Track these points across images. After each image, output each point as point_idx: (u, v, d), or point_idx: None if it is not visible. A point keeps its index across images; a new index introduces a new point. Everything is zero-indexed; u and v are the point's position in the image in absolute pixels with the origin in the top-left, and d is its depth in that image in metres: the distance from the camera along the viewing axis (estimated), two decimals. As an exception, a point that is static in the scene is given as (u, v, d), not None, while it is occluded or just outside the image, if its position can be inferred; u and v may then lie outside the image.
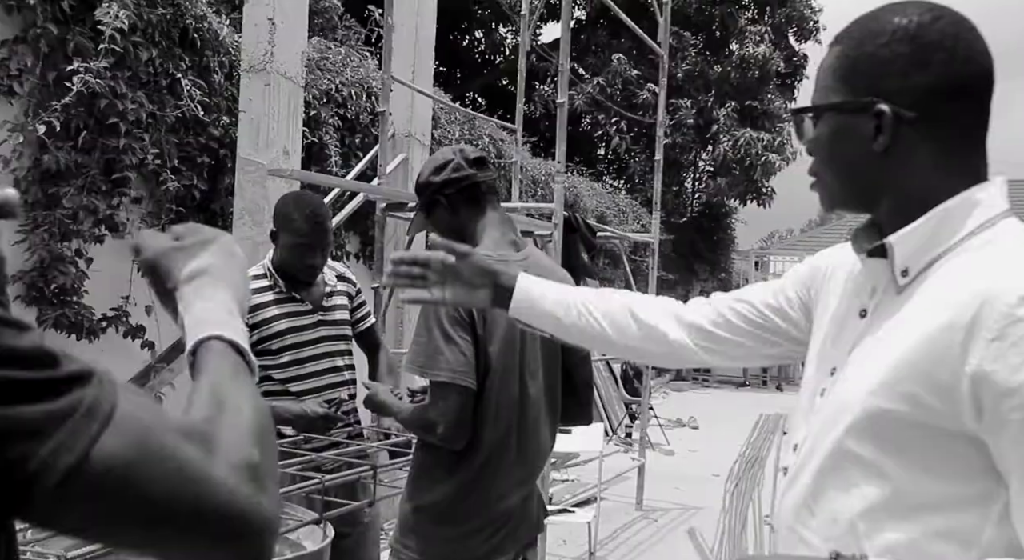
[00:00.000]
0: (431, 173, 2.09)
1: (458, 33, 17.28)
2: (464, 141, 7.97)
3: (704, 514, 6.29)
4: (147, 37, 4.20)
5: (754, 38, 15.68)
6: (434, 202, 2.09)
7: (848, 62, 1.05)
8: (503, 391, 1.95)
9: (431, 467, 2.01)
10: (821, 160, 1.11)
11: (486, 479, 1.95)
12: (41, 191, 3.84)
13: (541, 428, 2.06)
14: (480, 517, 1.95)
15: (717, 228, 17.32)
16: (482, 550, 1.97)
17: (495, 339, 1.94)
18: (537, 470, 2.09)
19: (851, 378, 1.05)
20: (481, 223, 2.07)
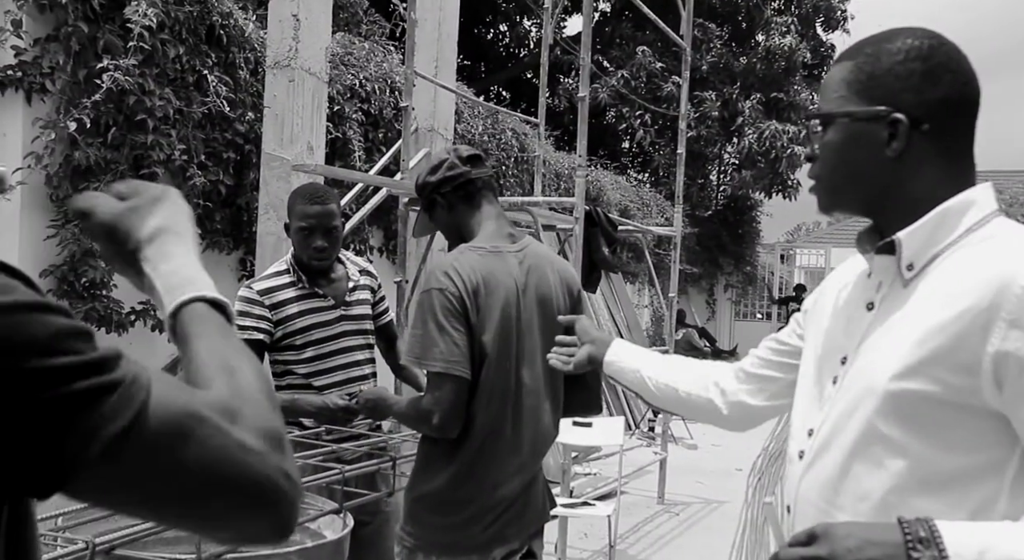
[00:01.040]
0: (427, 174, 2.15)
1: (482, 26, 17.28)
2: (487, 135, 8.00)
3: (726, 508, 6.29)
4: (175, 34, 4.27)
5: (780, 29, 15.54)
6: (432, 201, 2.15)
7: (865, 76, 1.15)
8: (497, 379, 1.98)
9: (431, 457, 2.04)
10: (830, 164, 1.19)
11: (481, 467, 1.98)
12: (72, 186, 3.92)
13: (540, 416, 2.08)
14: (477, 504, 1.98)
15: (742, 221, 17.20)
16: (483, 538, 1.99)
17: (489, 328, 1.97)
18: (537, 457, 2.09)
19: (870, 364, 1.13)
20: (477, 218, 2.11)
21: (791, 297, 16.06)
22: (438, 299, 1.94)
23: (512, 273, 2.03)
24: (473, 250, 2.04)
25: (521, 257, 2.08)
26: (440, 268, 1.99)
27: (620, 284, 11.46)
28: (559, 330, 2.05)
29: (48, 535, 1.68)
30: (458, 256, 2.02)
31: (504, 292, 2.00)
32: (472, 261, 2.00)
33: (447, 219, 2.14)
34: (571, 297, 2.17)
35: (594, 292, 6.62)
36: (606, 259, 5.35)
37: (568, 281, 2.18)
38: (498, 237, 2.08)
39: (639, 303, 13.40)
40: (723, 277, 17.11)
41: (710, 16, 15.72)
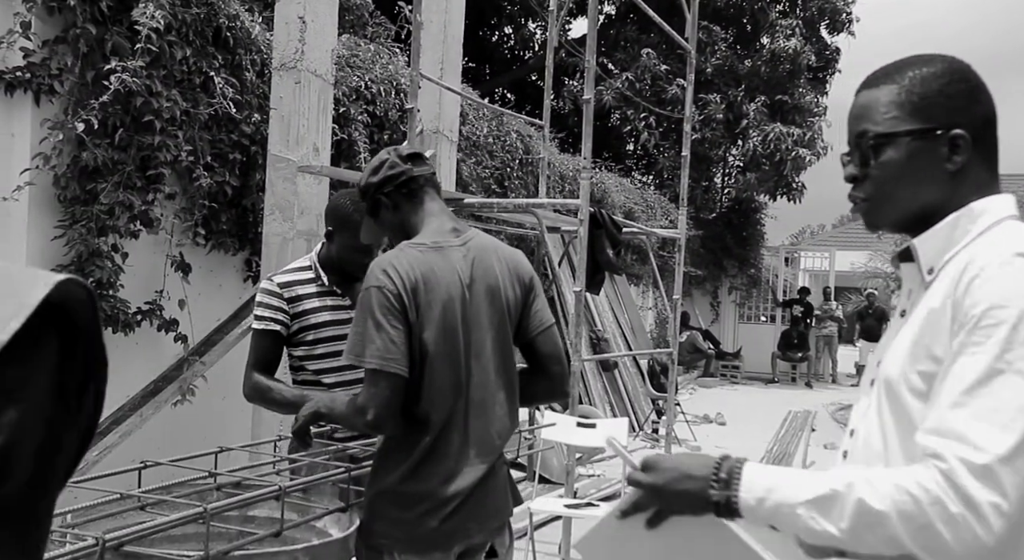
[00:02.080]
0: (369, 175, 2.16)
1: (487, 29, 17.31)
2: (492, 137, 8.01)
3: (729, 510, 6.29)
4: (181, 36, 4.29)
5: (785, 32, 15.52)
6: (376, 202, 2.15)
7: (916, 97, 1.23)
8: (443, 375, 1.99)
9: (387, 452, 2.06)
10: (889, 182, 1.25)
11: (432, 461, 1.99)
12: (79, 187, 3.94)
13: (493, 408, 2.07)
14: (432, 498, 1.98)
15: (746, 224, 17.17)
16: (441, 532, 1.99)
17: (430, 325, 1.97)
18: (492, 450, 2.08)
19: (887, 365, 1.22)
20: (421, 215, 2.12)
21: (795, 300, 16.02)
22: (376, 297, 1.95)
23: (455, 268, 2.03)
24: (413, 247, 2.05)
25: (465, 251, 2.08)
26: (379, 266, 2.00)
27: (624, 286, 11.47)
28: (511, 321, 2.10)
29: (58, 531, 1.70)
30: (397, 254, 2.04)
31: (445, 288, 2.00)
32: (411, 258, 2.01)
33: (392, 219, 2.15)
34: (523, 286, 2.15)
35: (597, 294, 6.64)
36: (610, 261, 5.36)
37: (518, 270, 2.16)
38: (440, 233, 2.09)
39: (643, 305, 13.41)
40: (727, 280, 17.08)
41: (715, 19, 15.71)
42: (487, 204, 5.49)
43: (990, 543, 0.97)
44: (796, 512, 1.09)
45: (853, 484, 1.06)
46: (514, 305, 2.12)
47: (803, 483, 1.10)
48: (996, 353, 1.04)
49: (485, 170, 7.84)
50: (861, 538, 1.05)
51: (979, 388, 1.03)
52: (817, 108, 15.96)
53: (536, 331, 2.16)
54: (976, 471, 0.98)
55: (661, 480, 1.19)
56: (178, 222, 4.50)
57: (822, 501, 1.07)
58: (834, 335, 15.65)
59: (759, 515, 1.13)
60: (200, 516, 1.73)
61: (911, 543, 1.01)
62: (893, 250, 1.35)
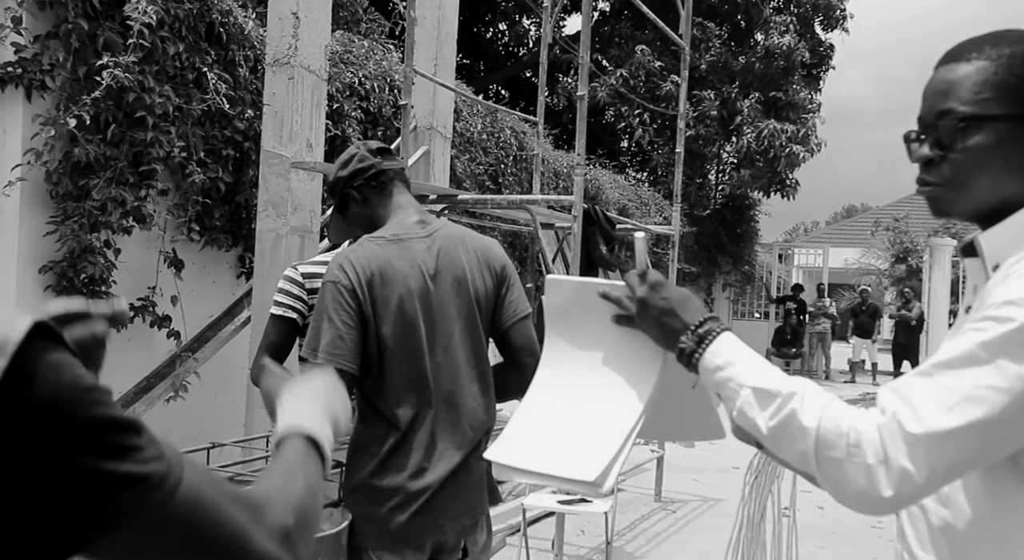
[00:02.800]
0: (339, 169, 2.16)
1: (482, 25, 17.29)
2: (486, 134, 8.01)
3: (723, 506, 6.31)
4: (174, 32, 4.28)
5: (779, 28, 15.54)
6: (346, 197, 2.16)
7: (1016, 78, 1.12)
8: (406, 368, 1.98)
9: (357, 448, 2.05)
10: (974, 166, 1.15)
11: (400, 456, 1.98)
12: (71, 183, 3.93)
13: (463, 400, 2.05)
14: (399, 494, 1.97)
15: (740, 220, 17.20)
16: (410, 528, 1.97)
17: (388, 319, 1.97)
18: (464, 444, 2.04)
19: None
20: (389, 209, 2.13)
21: (789, 296, 16.05)
22: (330, 292, 1.96)
23: (416, 260, 2.02)
24: (372, 240, 2.04)
25: (429, 242, 2.07)
26: (336, 261, 2.00)
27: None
28: (482, 312, 2.08)
29: None
30: (355, 248, 2.03)
31: (404, 281, 1.99)
32: (368, 252, 2.00)
33: (360, 213, 2.15)
34: (494, 275, 2.13)
35: (592, 290, 6.63)
36: (603, 257, 5.37)
37: (488, 260, 2.14)
38: (403, 226, 2.08)
39: (637, 302, 13.40)
40: (721, 276, 17.11)
41: (709, 15, 15.72)
42: (481, 200, 5.49)
43: (881, 497, 1.02)
44: (739, 392, 1.16)
45: (795, 394, 1.11)
46: (484, 296, 2.10)
47: (758, 371, 1.16)
48: (986, 342, 1.03)
49: (479, 166, 7.83)
50: (779, 442, 1.12)
51: (952, 367, 1.05)
52: (811, 105, 16.00)
53: (510, 322, 2.14)
54: (906, 437, 1.02)
55: (653, 301, 1.27)
56: (171, 218, 4.49)
57: (763, 394, 1.13)
58: (827, 332, 15.70)
59: (710, 379, 1.21)
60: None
61: (816, 467, 1.07)
62: (885, 251, 1.25)
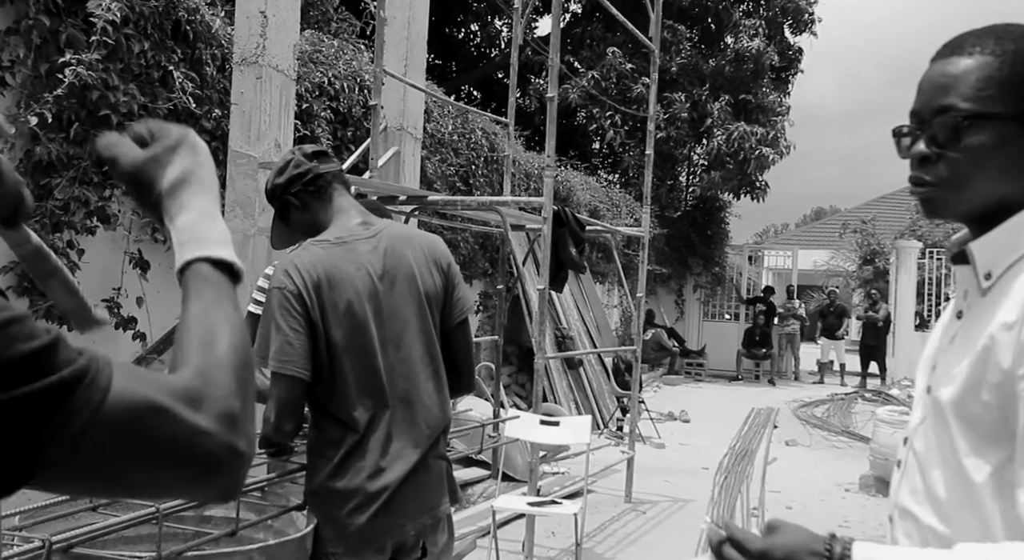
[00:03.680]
0: (275, 177, 2.15)
1: (453, 26, 17.26)
2: (457, 135, 7.99)
3: (692, 506, 6.35)
4: (139, 29, 4.22)
5: (749, 31, 15.68)
6: (285, 204, 2.15)
7: (1019, 76, 1.07)
8: (357, 370, 1.98)
9: (314, 451, 2.04)
10: (970, 167, 1.09)
11: (357, 457, 1.98)
12: (33, 182, 3.86)
13: (419, 398, 2.06)
14: (358, 495, 1.96)
15: (711, 222, 17.33)
16: (371, 529, 1.96)
17: (337, 322, 1.97)
18: (421, 442, 2.04)
19: (944, 376, 1.12)
20: (330, 213, 2.12)
21: (759, 298, 16.20)
22: (276, 298, 1.96)
23: (362, 262, 2.03)
24: (316, 244, 2.05)
25: (375, 243, 2.07)
26: (281, 267, 2.00)
27: (590, 284, 11.51)
28: (432, 309, 2.08)
29: (6, 534, 1.66)
30: (300, 253, 2.03)
31: (351, 283, 1.99)
32: (313, 257, 2.00)
33: (301, 219, 2.14)
34: (442, 272, 2.14)
35: (560, 292, 6.65)
36: (572, 259, 5.37)
37: (435, 256, 2.14)
38: (346, 228, 2.08)
39: (608, 303, 13.47)
40: (692, 278, 17.22)
41: (679, 18, 15.82)
42: (451, 202, 5.48)
43: None
44: None
45: None
46: (434, 293, 2.11)
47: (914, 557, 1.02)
48: None
49: (450, 167, 7.81)
50: None
51: None
52: (780, 107, 16.15)
53: (455, 321, 2.16)
54: None
55: (776, 548, 1.05)
56: (136, 218, 4.43)
57: None
58: (796, 333, 15.85)
59: None
60: (153, 516, 1.71)
61: None
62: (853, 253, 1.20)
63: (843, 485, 7.26)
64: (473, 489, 6.05)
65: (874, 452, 7.10)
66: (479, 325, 9.24)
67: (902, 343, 14.22)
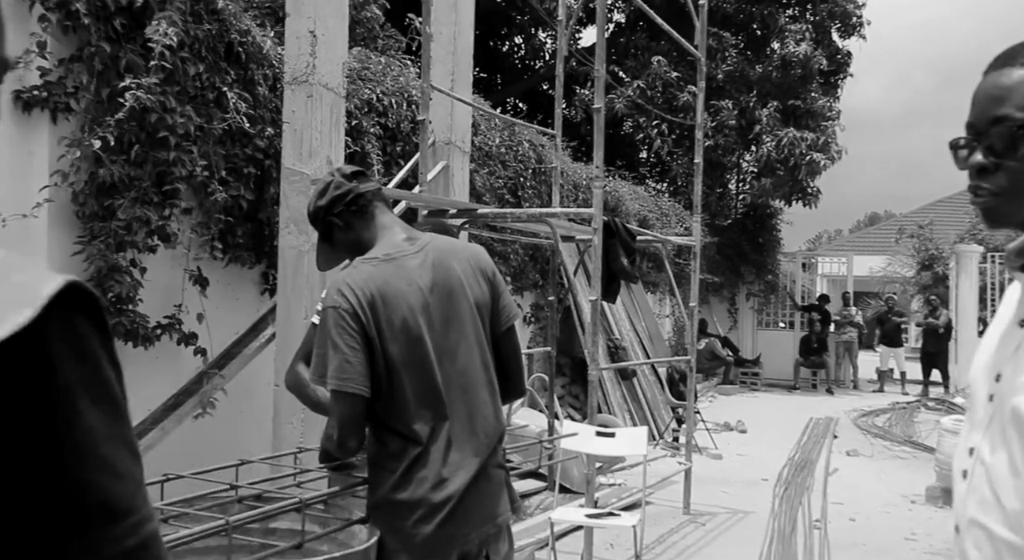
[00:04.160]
0: (316, 199, 2.17)
1: (497, 39, 17.37)
2: (504, 147, 8.02)
3: (753, 518, 6.24)
4: (194, 52, 4.32)
5: (795, 36, 15.49)
6: (329, 226, 2.16)
7: None
8: (417, 384, 2.00)
9: (376, 465, 2.06)
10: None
11: (420, 468, 1.99)
12: (97, 203, 3.97)
13: (477, 408, 2.07)
14: (424, 505, 1.97)
15: (762, 229, 17.10)
16: (436, 539, 1.97)
17: (393, 337, 1.98)
18: (480, 451, 2.06)
19: (1012, 386, 1.11)
20: (373, 230, 2.14)
21: (814, 306, 15.91)
22: (332, 317, 1.97)
23: (412, 276, 2.04)
24: (366, 262, 2.06)
25: (422, 257, 2.08)
26: (334, 286, 2.02)
27: (641, 294, 11.43)
28: (483, 319, 2.09)
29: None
30: (351, 271, 2.04)
31: (404, 298, 2.01)
32: (365, 274, 2.02)
33: (346, 239, 2.16)
34: (488, 281, 2.15)
35: (613, 302, 6.61)
36: (625, 269, 5.34)
37: (480, 265, 2.16)
38: (393, 245, 2.10)
39: (660, 313, 13.36)
40: (744, 286, 17.00)
41: (724, 25, 15.70)
42: (501, 214, 5.49)
43: None
44: None
45: None
46: (483, 302, 2.12)
47: None
48: None
49: (498, 180, 7.84)
50: None
51: None
52: (830, 112, 15.90)
53: (503, 328, 2.17)
54: None
55: None
56: (195, 236, 4.52)
57: None
58: (854, 341, 15.54)
59: None
60: (222, 529, 1.73)
61: None
62: (910, 258, 1.18)
63: (908, 496, 7.06)
64: (530, 501, 6.03)
65: (940, 462, 6.91)
66: (531, 336, 9.23)
67: (965, 350, 13.83)
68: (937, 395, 13.64)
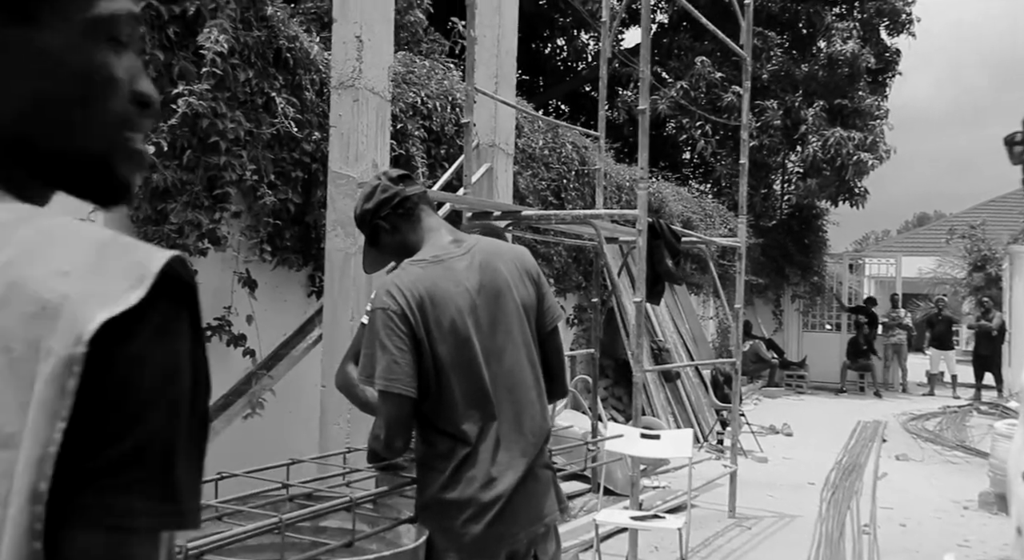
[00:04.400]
0: (363, 203, 2.19)
1: (540, 41, 17.38)
2: (547, 149, 8.03)
3: (799, 522, 6.16)
4: (244, 59, 4.40)
5: (842, 34, 15.26)
6: (376, 229, 2.19)
7: None
8: (464, 383, 2.02)
9: (424, 465, 2.08)
10: None
11: (468, 468, 2.00)
12: (151, 207, 4.06)
13: (524, 408, 2.08)
14: (473, 505, 1.99)
15: (808, 230, 16.87)
16: (485, 538, 1.99)
17: (442, 338, 2.00)
18: (528, 451, 2.08)
19: None
20: (420, 233, 2.16)
21: (861, 308, 15.66)
22: (380, 319, 1.99)
23: (459, 278, 2.06)
24: (415, 264, 2.08)
25: (469, 259, 2.10)
26: (383, 287, 2.03)
27: (684, 296, 11.36)
28: (529, 320, 2.11)
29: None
30: (400, 273, 2.06)
31: (452, 299, 2.02)
32: (414, 275, 2.04)
33: (393, 241, 2.18)
34: (533, 282, 2.17)
35: (657, 304, 6.58)
36: (670, 271, 5.31)
37: (525, 266, 2.18)
38: (440, 246, 2.12)
39: (704, 315, 13.25)
40: (790, 288, 16.78)
41: (769, 24, 15.52)
42: (545, 216, 5.50)
43: None
44: None
45: None
46: (529, 303, 2.14)
47: None
48: None
49: (542, 182, 7.85)
50: None
51: None
52: (878, 111, 15.63)
53: (547, 329, 2.19)
54: None
55: None
56: (244, 239, 4.60)
57: None
58: (903, 343, 15.25)
59: None
60: (276, 526, 1.76)
61: None
62: (961, 259, 1.16)
63: (961, 502, 6.92)
64: (573, 503, 6.02)
65: (994, 468, 6.75)
66: (574, 338, 9.22)
67: (1019, 353, 13.49)
68: (990, 399, 13.32)
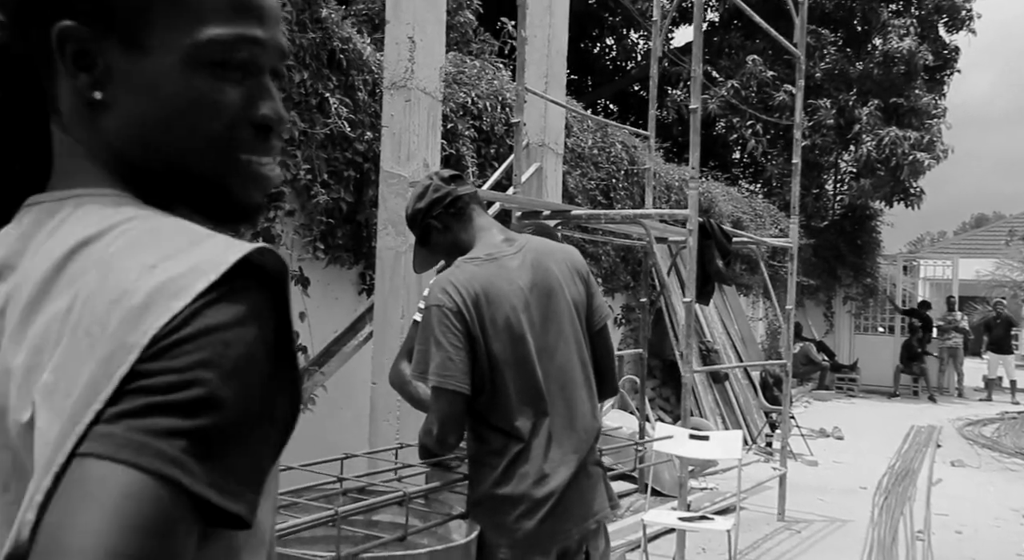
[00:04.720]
0: (415, 202, 2.21)
1: (589, 40, 17.33)
2: (597, 149, 8.01)
3: (851, 527, 6.06)
4: (299, 60, 4.47)
5: (899, 32, 14.94)
6: (427, 228, 2.21)
7: None
8: (519, 382, 2.03)
9: (477, 462, 2.10)
10: None
11: (521, 464, 2.02)
12: (207, 207, 4.15)
13: (576, 406, 2.10)
14: (526, 501, 2.00)
15: (861, 231, 16.55)
16: (538, 534, 2.00)
17: (497, 336, 2.02)
18: (579, 448, 2.09)
19: None
20: (471, 232, 2.18)
21: (915, 311, 15.31)
22: (436, 316, 2.01)
23: (512, 276, 2.08)
24: (469, 262, 2.10)
25: (521, 258, 2.12)
26: (438, 284, 2.06)
27: (734, 297, 11.24)
28: (580, 318, 2.13)
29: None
30: (454, 271, 2.08)
31: (507, 297, 2.04)
32: (469, 273, 2.06)
33: (444, 241, 2.20)
34: (583, 281, 2.19)
35: (707, 304, 6.53)
36: (720, 271, 5.27)
37: (575, 266, 2.20)
38: (493, 245, 2.14)
39: (753, 316, 13.10)
40: (842, 289, 16.49)
41: (823, 22, 15.27)
42: (594, 215, 5.50)
43: None
44: None
45: None
46: (580, 301, 2.16)
47: None
48: None
49: (591, 181, 7.84)
50: None
51: None
52: (935, 110, 15.28)
53: (597, 327, 2.21)
54: None
55: None
56: (297, 238, 4.68)
57: None
58: (959, 347, 14.88)
59: None
60: (331, 519, 1.80)
61: None
62: (1022, 262, 1.13)
63: (1020, 510, 6.74)
64: (620, 503, 6.01)
65: (1054, 475, 6.57)
66: (622, 338, 9.19)
67: (1081, 358, 13.09)
68: (1051, 406, 12.95)
